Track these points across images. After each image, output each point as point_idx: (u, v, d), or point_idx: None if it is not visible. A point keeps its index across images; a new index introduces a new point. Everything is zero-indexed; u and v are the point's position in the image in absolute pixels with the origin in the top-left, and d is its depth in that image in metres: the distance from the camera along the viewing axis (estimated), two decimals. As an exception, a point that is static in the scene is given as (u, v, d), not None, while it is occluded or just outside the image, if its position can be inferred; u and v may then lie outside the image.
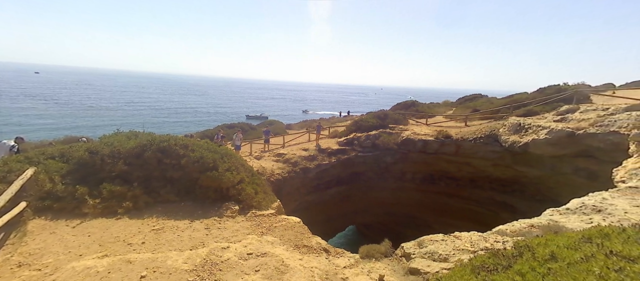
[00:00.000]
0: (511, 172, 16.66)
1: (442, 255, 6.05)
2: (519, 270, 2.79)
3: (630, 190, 7.40)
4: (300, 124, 29.11)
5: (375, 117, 21.54)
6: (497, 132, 16.29)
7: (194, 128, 40.25)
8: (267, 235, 6.66)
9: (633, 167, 8.44)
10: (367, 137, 19.50)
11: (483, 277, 3.03)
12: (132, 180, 7.53)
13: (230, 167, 7.91)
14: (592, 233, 2.99)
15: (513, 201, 17.20)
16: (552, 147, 13.62)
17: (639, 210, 6.10)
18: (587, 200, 7.14)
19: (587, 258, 2.55)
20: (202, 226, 6.73)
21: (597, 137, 12.10)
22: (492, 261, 3.40)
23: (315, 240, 6.83)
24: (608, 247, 2.63)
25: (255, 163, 14.15)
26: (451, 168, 18.75)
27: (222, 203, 7.61)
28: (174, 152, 7.89)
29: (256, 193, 7.84)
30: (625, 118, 11.48)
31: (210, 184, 7.60)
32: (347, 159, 18.41)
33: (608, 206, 6.67)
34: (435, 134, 18.33)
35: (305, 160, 16.41)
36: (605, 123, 12.06)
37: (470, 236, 6.83)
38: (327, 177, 17.90)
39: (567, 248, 2.87)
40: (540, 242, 3.18)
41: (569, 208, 7.05)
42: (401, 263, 6.36)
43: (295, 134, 20.85)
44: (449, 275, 3.39)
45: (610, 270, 2.29)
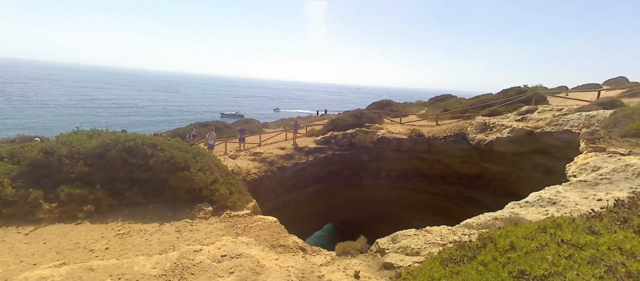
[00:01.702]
0: (478, 168, 17.66)
1: (414, 249, 6.27)
2: (483, 260, 2.96)
3: (580, 184, 8.11)
4: (277, 123, 28.82)
5: (352, 116, 21.83)
6: (465, 130, 17.18)
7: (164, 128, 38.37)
8: (243, 235, 6.52)
9: (583, 162, 9.28)
10: (344, 135, 19.72)
11: (451, 268, 3.18)
12: (94, 182, 7.03)
13: (203, 167, 7.64)
14: (547, 224, 3.25)
15: (479, 196, 18.24)
16: (513, 145, 14.63)
17: (587, 202, 6.70)
18: (544, 193, 7.73)
19: (542, 246, 2.76)
20: (172, 229, 6.45)
21: (552, 135, 13.16)
22: (459, 253, 3.58)
23: (292, 239, 6.80)
24: (560, 236, 2.87)
25: (231, 162, 13.79)
26: (423, 165, 19.50)
27: (195, 204, 7.34)
28: (141, 151, 7.47)
29: (231, 194, 7.64)
30: (576, 118, 12.60)
31: (182, 185, 7.29)
32: (324, 158, 18.50)
33: (561, 198, 7.26)
34: (409, 133, 18.95)
35: (282, 159, 16.26)
36: (559, 123, 13.15)
37: (440, 230, 7.15)
38: (304, 176, 17.87)
39: (524, 238, 3.10)
40: (501, 233, 3.40)
41: (528, 201, 7.60)
42: (376, 259, 6.52)
43: (272, 133, 20.59)
44: (419, 268, 3.52)
45: (561, 257, 2.51)
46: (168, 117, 65.51)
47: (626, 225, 2.86)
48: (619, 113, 10.35)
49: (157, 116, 65.58)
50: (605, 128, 10.21)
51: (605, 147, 9.10)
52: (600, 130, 10.22)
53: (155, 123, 55.62)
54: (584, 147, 10.02)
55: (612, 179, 7.79)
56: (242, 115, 63.46)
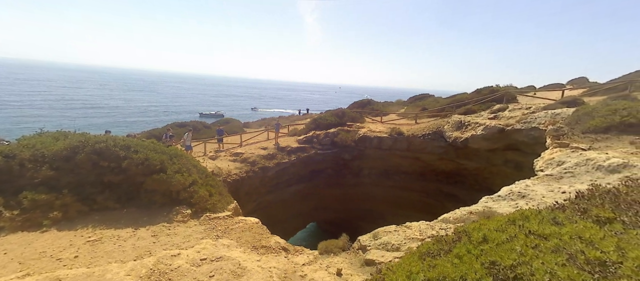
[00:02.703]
0: (455, 165, 18.35)
1: (395, 245, 6.43)
2: (457, 253, 3.09)
3: (547, 178, 8.64)
4: (259, 122, 28.44)
5: (334, 115, 21.96)
6: (442, 129, 17.79)
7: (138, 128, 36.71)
8: (223, 238, 6.39)
9: (549, 157, 9.89)
10: (326, 134, 19.80)
11: (428, 262, 3.29)
12: (60, 187, 6.61)
13: (180, 169, 7.39)
14: (516, 217, 3.43)
15: (456, 191, 18.97)
16: (487, 142, 15.34)
17: (553, 194, 7.15)
18: (514, 187, 8.16)
19: (511, 238, 2.92)
20: (148, 234, 6.20)
21: (522, 132, 13.93)
22: (436, 247, 3.70)
23: (274, 239, 6.75)
24: (527, 228, 3.05)
25: (210, 163, 13.45)
26: (404, 163, 19.98)
27: (172, 207, 7.09)
28: (113, 153, 7.11)
29: (211, 195, 7.45)
30: (543, 116, 13.41)
31: (158, 188, 7.02)
32: (306, 157, 18.48)
33: (530, 192, 7.70)
34: (389, 131, 19.35)
35: (264, 159, 16.07)
36: (528, 121, 13.93)
37: (419, 225, 7.36)
38: (286, 176, 17.78)
39: (496, 231, 3.26)
40: (475, 227, 3.56)
41: (500, 195, 8.00)
42: (358, 256, 6.61)
43: (253, 133, 20.29)
44: (399, 263, 3.61)
45: (529, 247, 2.66)
46: (143, 117, 62.74)
47: (585, 216, 3.08)
48: (580, 111, 11.11)
49: (131, 116, 62.60)
50: (569, 125, 10.93)
51: (569, 143, 9.75)
52: (564, 127, 10.93)
53: (129, 124, 53.08)
54: (550, 143, 10.67)
55: (574, 173, 8.36)
56: (222, 114, 62.04)
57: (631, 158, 7.69)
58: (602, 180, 6.93)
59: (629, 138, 8.95)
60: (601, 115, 9.83)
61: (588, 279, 2.02)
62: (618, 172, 7.31)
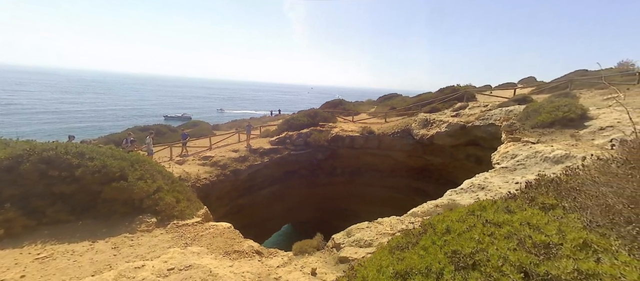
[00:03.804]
0: (422, 161, 19.26)
1: (367, 241, 6.60)
2: (423, 244, 3.26)
3: (502, 170, 9.39)
4: (229, 124, 27.63)
5: (306, 116, 22.00)
6: (410, 127, 18.59)
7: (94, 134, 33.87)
8: (193, 245, 6.13)
9: (504, 151, 10.76)
10: (299, 135, 19.76)
11: (397, 255, 3.43)
12: (2, 201, 5.92)
13: (143, 175, 6.96)
14: (474, 207, 3.70)
15: (424, 186, 19.91)
16: (450, 138, 16.30)
17: (507, 185, 7.79)
18: (475, 180, 8.76)
19: (470, 227, 3.14)
20: (108, 246, 5.76)
21: (480, 128, 15.00)
22: (405, 240, 3.87)
23: (247, 243, 6.61)
24: (484, 217, 3.30)
25: (177, 168, 12.81)
26: (375, 161, 20.57)
27: (135, 216, 6.66)
28: (65, 162, 6.50)
29: (178, 202, 7.11)
30: (498, 113, 14.55)
31: (118, 196, 6.55)
32: (280, 158, 18.31)
33: (488, 184, 8.32)
34: (361, 130, 19.81)
35: (235, 162, 15.65)
36: (485, 117, 15.04)
37: (390, 220, 7.64)
38: (260, 178, 17.47)
39: (457, 222, 3.48)
40: (439, 219, 3.77)
41: (462, 188, 8.55)
42: (332, 254, 6.70)
43: (223, 135, 19.66)
44: (370, 259, 3.72)
45: (485, 235, 2.88)
46: (100, 122, 57.99)
47: (533, 203, 3.41)
48: (529, 108, 12.22)
49: (85, 122, 57.50)
50: (520, 121, 11.97)
51: (520, 137, 10.67)
52: (516, 122, 11.94)
53: (83, 129, 48.72)
54: (504, 138, 11.61)
55: (526, 164, 9.17)
56: (190, 117, 59.35)
57: (572, 150, 8.62)
58: (548, 170, 7.68)
59: (570, 132, 10.02)
60: (547, 111, 10.89)
61: (534, 261, 2.25)
62: (561, 162, 8.16)
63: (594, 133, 9.56)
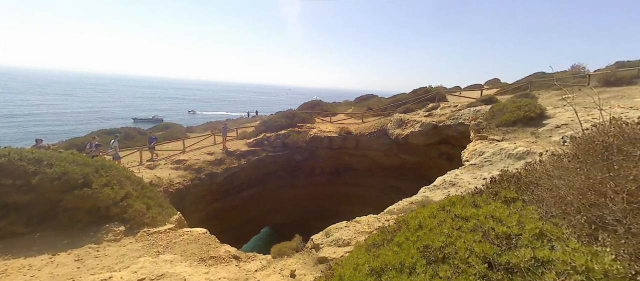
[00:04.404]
0: (398, 160, 19.83)
1: (346, 240, 6.69)
2: (398, 241, 3.37)
3: (472, 167, 9.92)
4: (204, 126, 26.76)
5: (284, 117, 21.86)
6: (386, 127, 19.08)
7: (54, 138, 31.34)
8: (165, 253, 5.87)
9: (472, 149, 11.37)
10: (277, 136, 19.58)
11: (373, 253, 3.51)
12: (-58, 215, 5.32)
13: (109, 181, 6.56)
14: (444, 203, 3.88)
15: (400, 184, 20.50)
16: (423, 137, 16.94)
17: (476, 181, 8.24)
18: (446, 177, 9.18)
19: (441, 222, 3.30)
20: (70, 259, 5.37)
21: (451, 127, 15.74)
22: (380, 238, 3.98)
23: (224, 248, 6.46)
24: (453, 212, 3.47)
25: (148, 173, 12.20)
26: (353, 161, 20.88)
27: (101, 225, 6.26)
28: (19, 169, 5.97)
29: (148, 208, 6.78)
30: (467, 112, 15.36)
31: (81, 205, 6.13)
32: (257, 160, 18.03)
33: (459, 180, 8.75)
34: (339, 131, 20.02)
35: (211, 165, 15.20)
36: (456, 117, 15.80)
37: (368, 219, 7.79)
38: (237, 181, 17.10)
39: (429, 217, 3.64)
40: (412, 215, 3.92)
41: (435, 185, 8.92)
42: (311, 255, 6.71)
43: (198, 137, 19.00)
44: (347, 257, 3.78)
45: (454, 229, 3.04)
46: (61, 125, 53.76)
47: (497, 197, 3.64)
48: (494, 108, 13.01)
49: (44, 125, 53.01)
50: (487, 120, 12.71)
51: (487, 135, 11.33)
52: (483, 122, 12.67)
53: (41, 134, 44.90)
54: (473, 136, 12.27)
55: (492, 161, 9.76)
56: (161, 119, 56.71)
57: (532, 147, 9.29)
58: (512, 166, 8.22)
59: (531, 130, 10.79)
60: (510, 111, 11.65)
61: (497, 251, 2.41)
62: (523, 158, 8.77)
63: (551, 131, 10.37)
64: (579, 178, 2.81)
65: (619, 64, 19.02)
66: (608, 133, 2.90)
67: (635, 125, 2.92)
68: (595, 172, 2.73)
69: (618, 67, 17.77)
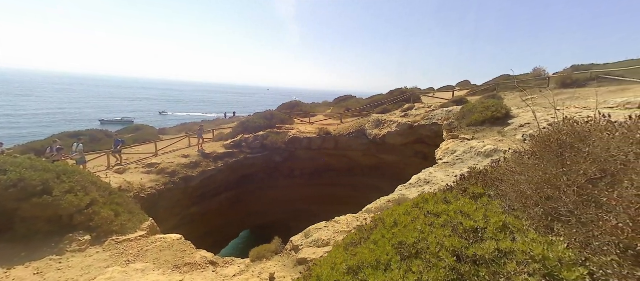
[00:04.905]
0: (376, 159, 20.25)
1: (325, 240, 6.73)
2: (374, 239, 3.45)
3: (445, 165, 10.35)
4: (178, 128, 25.79)
5: (263, 118, 21.60)
6: (364, 127, 19.43)
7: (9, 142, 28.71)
8: (136, 262, 5.60)
9: (445, 148, 11.88)
10: (255, 137, 19.30)
11: (351, 251, 3.57)
12: None
13: (73, 188, 6.14)
14: (418, 200, 4.03)
15: (379, 183, 20.94)
16: (400, 137, 17.44)
17: (448, 178, 8.61)
18: (421, 175, 9.52)
19: (414, 219, 3.42)
20: (29, 272, 4.97)
21: (426, 127, 16.34)
22: (358, 236, 4.05)
23: (200, 254, 6.27)
24: (426, 209, 3.61)
25: (117, 178, 11.55)
26: (332, 161, 21.04)
27: (63, 235, 5.85)
28: (-33, 177, 5.43)
29: (117, 215, 6.42)
30: (440, 113, 16.02)
31: (40, 214, 5.68)
32: (235, 162, 17.65)
33: (433, 178, 9.10)
34: (318, 132, 20.09)
35: (186, 168, 14.67)
36: (430, 117, 16.43)
37: (347, 218, 7.89)
38: (214, 184, 16.63)
39: (404, 215, 3.76)
40: (388, 213, 4.03)
41: (411, 183, 9.21)
42: (291, 257, 6.68)
43: (172, 140, 18.27)
44: (326, 257, 3.81)
45: (426, 225, 3.17)
46: (17, 129, 49.43)
47: (466, 194, 3.84)
48: (465, 109, 13.67)
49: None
50: (458, 120, 13.33)
51: (458, 135, 11.88)
52: (455, 121, 13.27)
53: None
54: (445, 136, 12.81)
55: (463, 159, 10.25)
56: (131, 121, 53.86)
57: (499, 145, 9.87)
58: (481, 163, 8.69)
59: (498, 129, 11.46)
60: (479, 111, 12.30)
61: (465, 244, 2.54)
62: (491, 156, 9.29)
63: (515, 129, 11.08)
64: (537, 173, 3.03)
65: (575, 67, 20.67)
66: (562, 131, 3.16)
67: (585, 124, 3.21)
68: (551, 168, 2.97)
69: (574, 70, 19.31)
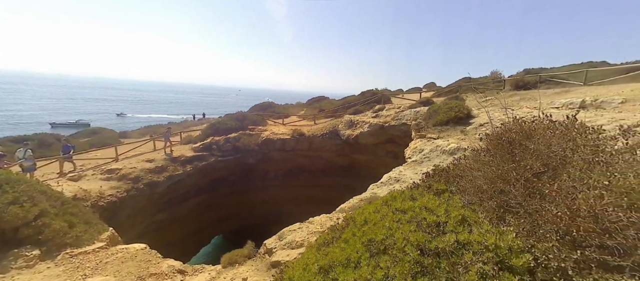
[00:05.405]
0: (350, 159, 20.62)
1: (299, 242, 6.73)
2: (345, 237, 3.53)
3: (413, 163, 10.81)
4: (142, 131, 24.30)
5: (234, 119, 21.05)
6: (337, 128, 19.70)
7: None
8: (94, 276, 5.20)
9: (414, 147, 12.43)
10: (226, 140, 18.75)
11: (323, 251, 3.62)
12: None
13: (17, 198, 5.55)
14: (387, 198, 4.19)
15: (352, 182, 21.33)
16: (372, 137, 17.93)
17: (416, 176, 9.01)
18: (392, 173, 9.86)
19: (383, 216, 3.56)
20: (-37, 298, 4.41)
21: (395, 127, 16.95)
22: (330, 236, 4.11)
23: (167, 263, 5.97)
24: (394, 206, 3.77)
25: (71, 186, 10.61)
26: (306, 162, 21.06)
27: (7, 251, 5.26)
28: None
29: (71, 227, 5.91)
30: (409, 113, 16.71)
31: (-22, 230, 5.07)
32: (205, 165, 17.01)
33: (402, 176, 9.47)
34: (292, 133, 20.00)
35: (151, 173, 13.86)
36: (399, 118, 17.07)
37: (320, 219, 7.95)
38: (182, 189, 15.89)
39: (373, 213, 3.88)
40: (359, 212, 4.14)
41: (382, 181, 9.51)
42: (264, 260, 6.59)
43: (134, 143, 17.15)
44: (298, 258, 3.82)
45: (394, 221, 3.31)
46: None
47: (430, 190, 4.07)
48: (431, 109, 14.39)
49: None
50: (425, 120, 13.99)
51: (425, 134, 12.48)
52: (422, 121, 13.91)
53: None
54: (414, 135, 13.40)
55: (430, 157, 10.77)
56: (87, 123, 49.76)
57: (461, 143, 10.51)
58: (445, 161, 9.20)
59: (460, 128, 12.20)
60: (443, 112, 13.01)
61: (428, 238, 2.70)
62: (454, 153, 9.87)
63: (476, 128, 11.87)
64: (491, 169, 3.29)
65: (526, 70, 22.62)
66: (511, 130, 3.47)
67: (531, 123, 3.54)
68: (503, 164, 3.24)
69: (525, 73, 21.12)
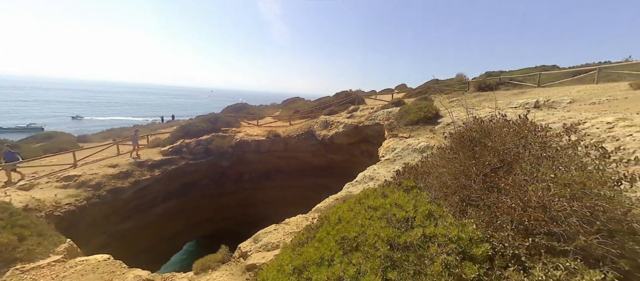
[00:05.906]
0: (325, 159, 20.77)
1: (275, 243, 6.68)
2: (319, 236, 3.58)
3: (387, 162, 11.14)
4: (105, 135, 22.73)
5: (206, 121, 20.37)
6: (313, 128, 19.76)
7: None
8: (50, 293, 4.79)
9: (387, 146, 12.82)
10: (198, 142, 18.09)
11: (297, 251, 3.64)
12: None
13: (-44, 212, 4.97)
14: (360, 196, 4.30)
15: (329, 182, 21.49)
16: (347, 137, 18.21)
17: (389, 174, 9.26)
18: (366, 172, 10.09)
19: (356, 214, 3.66)
20: None
21: (369, 127, 17.37)
22: (305, 236, 4.14)
23: (133, 273, 5.65)
24: (366, 203, 3.89)
25: (22, 196, 9.66)
26: (282, 163, 20.89)
27: (-57, 273, 4.69)
28: None
29: (21, 240, 5.40)
30: (382, 114, 17.21)
31: None
32: (175, 169, 16.28)
33: (376, 174, 9.72)
34: (267, 134, 19.75)
35: (114, 179, 13.00)
36: (373, 118, 17.51)
37: (296, 219, 7.94)
38: (150, 195, 15.07)
39: (347, 211, 3.97)
40: (333, 211, 4.21)
41: (357, 180, 9.70)
42: (239, 264, 6.47)
43: (95, 148, 15.98)
44: (273, 260, 3.80)
45: (366, 218, 3.41)
46: None
47: (400, 187, 4.24)
48: (402, 110, 14.93)
49: None
50: (397, 120, 14.48)
51: (397, 133, 12.92)
52: (394, 121, 14.38)
53: None
54: (387, 135, 13.82)
55: (402, 155, 11.18)
56: (41, 127, 45.51)
57: (430, 142, 11.02)
58: (415, 159, 9.58)
59: (429, 127, 12.78)
60: (414, 112, 13.56)
61: (397, 233, 2.82)
62: (424, 151, 10.33)
63: (444, 127, 12.50)
64: (454, 166, 3.52)
65: (488, 73, 24.24)
66: (472, 129, 3.73)
67: (489, 122, 3.83)
68: (465, 160, 3.47)
69: (487, 76, 22.61)
